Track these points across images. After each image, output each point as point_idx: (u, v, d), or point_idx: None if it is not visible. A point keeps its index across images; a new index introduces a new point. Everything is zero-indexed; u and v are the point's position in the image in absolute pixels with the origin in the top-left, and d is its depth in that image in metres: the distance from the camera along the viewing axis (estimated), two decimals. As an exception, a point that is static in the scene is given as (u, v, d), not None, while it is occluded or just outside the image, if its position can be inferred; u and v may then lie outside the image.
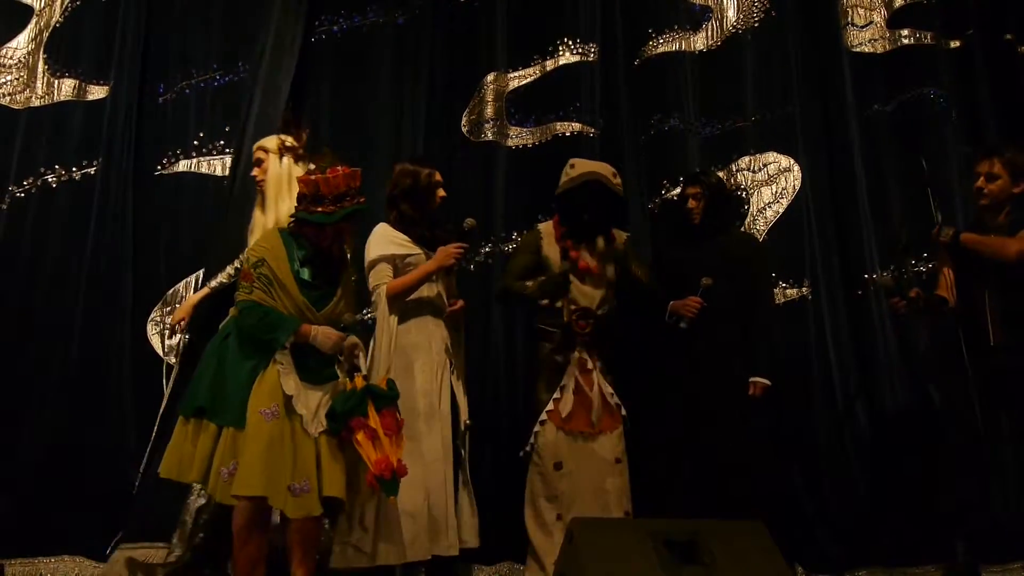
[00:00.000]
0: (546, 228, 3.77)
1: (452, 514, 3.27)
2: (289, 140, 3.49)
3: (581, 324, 3.60)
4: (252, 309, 2.89)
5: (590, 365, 3.60)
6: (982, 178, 3.49)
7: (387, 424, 2.81)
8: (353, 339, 3.07)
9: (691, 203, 3.88)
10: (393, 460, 2.78)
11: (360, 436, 2.78)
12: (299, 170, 3.35)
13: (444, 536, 3.24)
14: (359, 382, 2.86)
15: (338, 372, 3.07)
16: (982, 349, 3.35)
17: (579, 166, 3.67)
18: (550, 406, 3.55)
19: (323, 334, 2.93)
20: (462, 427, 3.45)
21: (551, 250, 3.70)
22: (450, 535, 3.25)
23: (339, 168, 2.93)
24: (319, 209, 2.90)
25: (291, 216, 3.05)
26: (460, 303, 3.59)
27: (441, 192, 3.53)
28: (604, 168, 3.67)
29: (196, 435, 2.84)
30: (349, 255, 3.28)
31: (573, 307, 3.62)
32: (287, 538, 2.96)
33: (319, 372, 2.98)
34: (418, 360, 3.36)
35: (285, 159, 3.45)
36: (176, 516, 3.63)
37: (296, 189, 3.09)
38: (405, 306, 3.40)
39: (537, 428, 3.56)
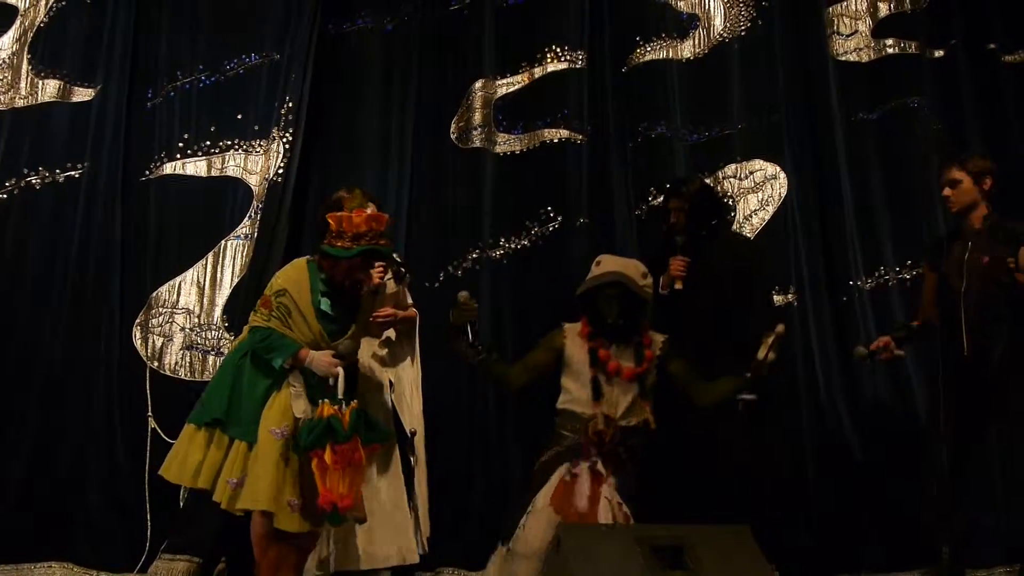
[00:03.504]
0: (571, 328, 3.36)
1: (393, 524, 3.38)
2: None
3: (600, 431, 3.16)
4: (258, 330, 3.05)
5: (607, 479, 3.13)
6: (946, 187, 3.59)
7: (340, 460, 2.85)
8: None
9: (673, 217, 3.82)
10: (336, 496, 2.83)
11: (314, 465, 2.86)
12: None
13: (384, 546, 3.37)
14: (326, 410, 2.90)
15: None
16: (958, 358, 3.40)
17: (605, 264, 3.33)
18: (546, 494, 3.11)
19: (319, 359, 3.04)
20: (408, 435, 3.51)
21: (575, 349, 3.29)
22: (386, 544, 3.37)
23: (365, 210, 3.10)
24: (338, 244, 3.06)
25: (316, 249, 3.20)
26: (401, 314, 3.61)
27: None
28: (633, 269, 3.32)
29: (208, 444, 3.00)
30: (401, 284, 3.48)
31: (593, 413, 3.18)
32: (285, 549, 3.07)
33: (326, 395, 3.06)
34: None
35: None
36: (216, 531, 3.77)
37: None
38: None
39: (525, 518, 3.11)
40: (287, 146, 4.41)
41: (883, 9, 4.95)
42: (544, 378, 3.34)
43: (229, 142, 4.53)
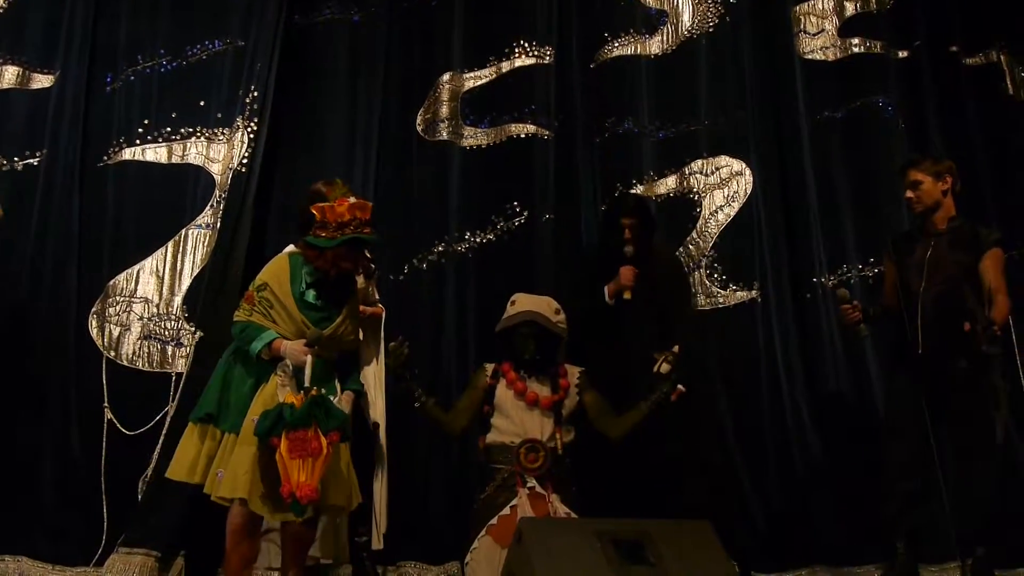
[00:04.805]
0: (492, 367, 3.56)
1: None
2: None
3: (531, 458, 3.32)
4: (238, 324, 3.09)
5: (549, 499, 3.25)
6: (908, 189, 3.65)
7: (295, 447, 2.79)
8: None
9: (627, 234, 3.79)
10: (295, 485, 2.76)
11: (277, 457, 2.81)
12: None
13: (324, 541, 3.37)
14: (288, 398, 2.90)
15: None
16: (913, 356, 3.45)
17: (519, 303, 3.52)
18: (494, 521, 3.19)
19: (290, 347, 3.03)
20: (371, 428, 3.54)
21: (501, 389, 3.47)
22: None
23: (348, 199, 3.06)
24: (322, 234, 3.05)
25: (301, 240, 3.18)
26: (368, 310, 3.60)
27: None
28: (545, 306, 3.51)
29: (202, 439, 3.03)
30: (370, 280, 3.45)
31: (519, 440, 3.34)
32: (281, 540, 3.13)
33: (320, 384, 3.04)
34: None
35: None
36: (175, 524, 3.73)
37: None
38: None
39: (475, 545, 3.18)
40: (252, 135, 4.36)
41: (849, 9, 5.01)
42: (480, 416, 3.47)
43: (191, 129, 4.48)
